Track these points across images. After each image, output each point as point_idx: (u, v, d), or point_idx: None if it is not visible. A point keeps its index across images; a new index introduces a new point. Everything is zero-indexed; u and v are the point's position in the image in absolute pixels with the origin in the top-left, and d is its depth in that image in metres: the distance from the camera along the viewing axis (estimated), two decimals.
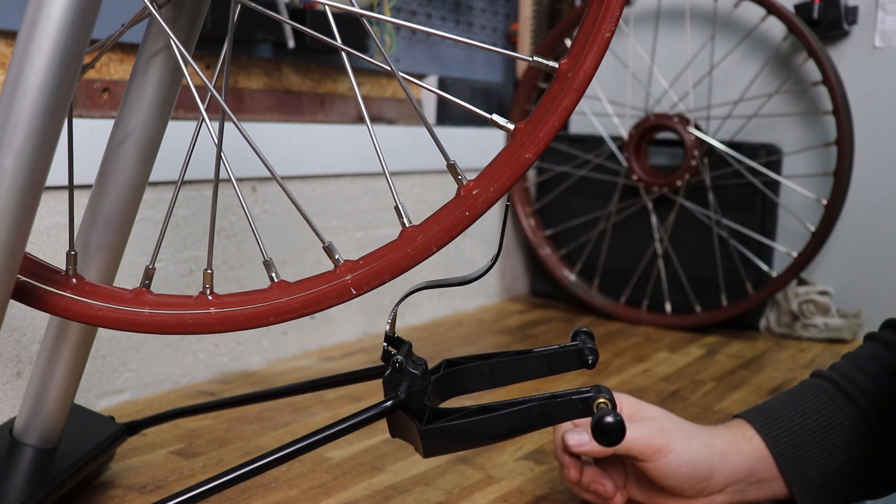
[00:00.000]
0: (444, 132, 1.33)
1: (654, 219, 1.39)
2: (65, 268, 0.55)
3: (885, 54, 1.26)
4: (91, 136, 0.83)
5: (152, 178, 0.62)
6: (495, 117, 0.48)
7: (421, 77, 1.38)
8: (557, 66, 0.48)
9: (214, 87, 0.51)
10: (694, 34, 1.39)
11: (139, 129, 0.58)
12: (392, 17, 1.18)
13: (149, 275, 0.55)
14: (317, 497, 0.71)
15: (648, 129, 1.38)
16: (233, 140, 0.60)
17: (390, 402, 0.56)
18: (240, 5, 0.54)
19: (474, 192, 0.49)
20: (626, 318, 1.40)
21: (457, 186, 0.49)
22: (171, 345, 0.98)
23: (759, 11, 1.30)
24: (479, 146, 1.40)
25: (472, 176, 0.49)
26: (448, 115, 1.39)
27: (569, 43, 1.40)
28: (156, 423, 0.75)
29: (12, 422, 0.66)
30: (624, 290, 1.43)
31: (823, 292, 1.30)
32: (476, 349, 1.20)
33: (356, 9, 0.49)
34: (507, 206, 0.55)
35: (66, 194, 0.73)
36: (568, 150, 1.47)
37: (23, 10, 0.45)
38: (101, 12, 0.47)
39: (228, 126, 0.55)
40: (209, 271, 0.53)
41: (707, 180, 1.33)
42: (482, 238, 1.47)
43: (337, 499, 0.71)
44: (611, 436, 0.54)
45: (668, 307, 1.38)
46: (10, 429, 0.65)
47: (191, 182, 0.98)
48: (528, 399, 0.57)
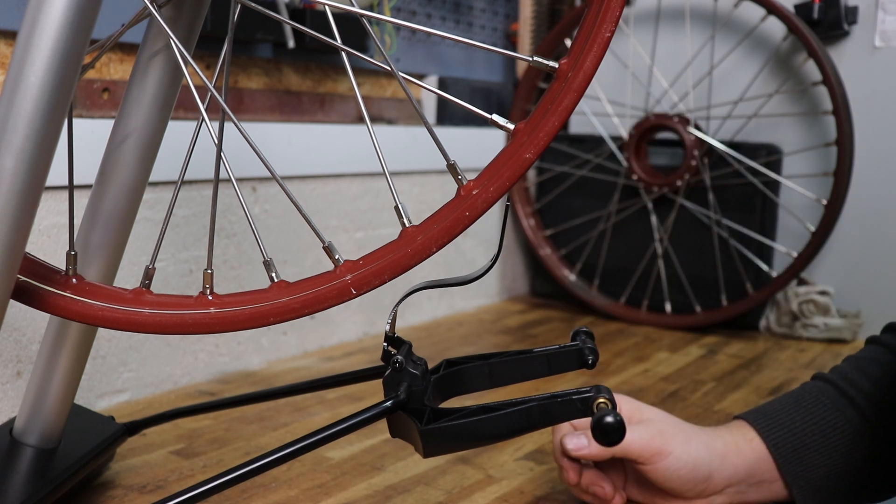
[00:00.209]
0: (444, 132, 1.33)
1: (654, 219, 1.39)
2: (65, 268, 0.55)
3: (885, 54, 1.26)
4: (91, 136, 0.83)
5: (152, 178, 0.62)
6: (495, 117, 0.48)
7: (421, 77, 1.38)
8: (557, 66, 0.48)
9: (214, 87, 0.51)
10: (694, 34, 1.39)
11: (139, 129, 0.58)
12: (392, 17, 1.18)
13: (149, 275, 0.55)
14: (317, 497, 0.71)
15: (648, 129, 1.38)
16: (233, 140, 0.60)
17: (390, 402, 0.56)
18: (240, 5, 0.54)
19: (474, 192, 0.49)
20: (626, 318, 1.40)
21: (457, 186, 0.49)
22: (171, 345, 0.98)
23: (759, 11, 1.30)
24: (479, 146, 1.40)
25: (472, 176, 0.49)
26: (448, 115, 1.39)
27: (569, 43, 1.40)
28: (156, 423, 0.75)
29: (12, 422, 0.66)
30: (624, 290, 1.43)
31: (823, 292, 1.30)
32: (476, 349, 1.20)
33: (356, 9, 0.49)
34: (507, 206, 0.54)
35: (66, 194, 0.74)
36: (568, 150, 1.47)
37: (23, 10, 0.45)
38: (101, 12, 0.47)
39: (228, 126, 0.55)
40: (209, 271, 0.53)
41: (707, 180, 1.33)
42: (482, 238, 1.47)
43: (337, 499, 0.71)
44: (611, 436, 0.54)
45: (668, 307, 1.38)
46: (10, 429, 0.65)
47: (191, 182, 0.98)
48: (528, 399, 0.57)
